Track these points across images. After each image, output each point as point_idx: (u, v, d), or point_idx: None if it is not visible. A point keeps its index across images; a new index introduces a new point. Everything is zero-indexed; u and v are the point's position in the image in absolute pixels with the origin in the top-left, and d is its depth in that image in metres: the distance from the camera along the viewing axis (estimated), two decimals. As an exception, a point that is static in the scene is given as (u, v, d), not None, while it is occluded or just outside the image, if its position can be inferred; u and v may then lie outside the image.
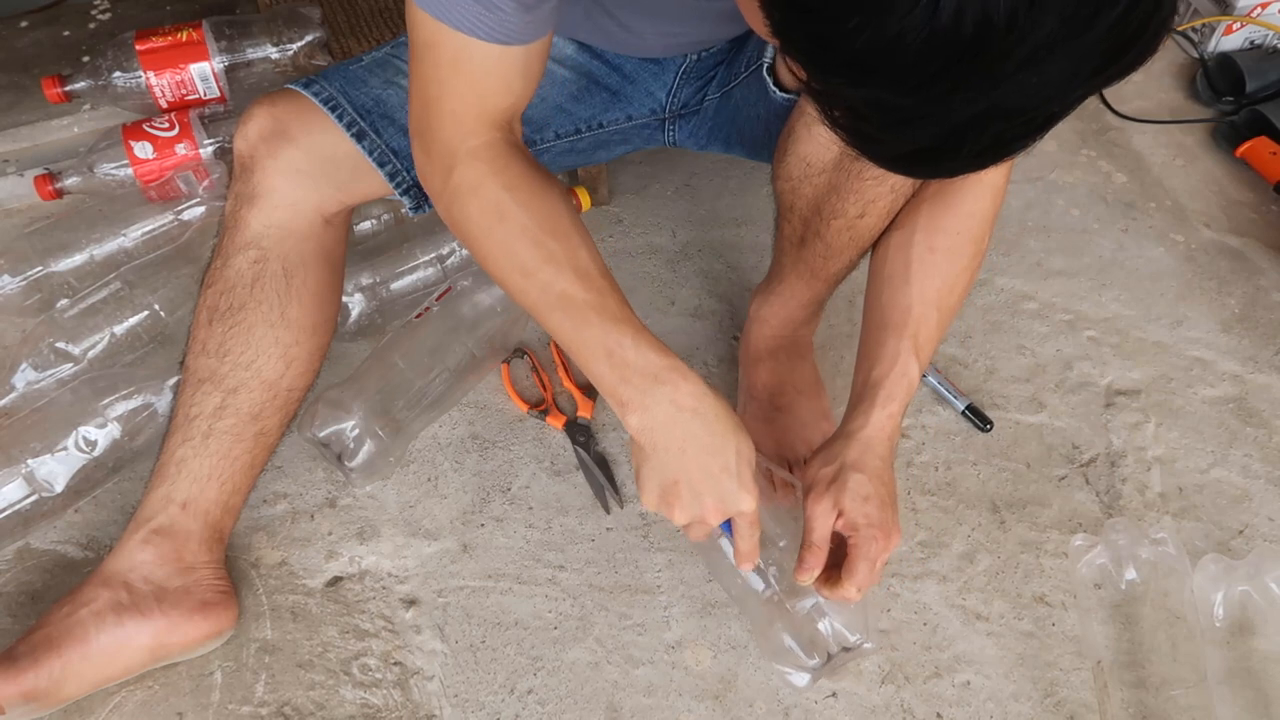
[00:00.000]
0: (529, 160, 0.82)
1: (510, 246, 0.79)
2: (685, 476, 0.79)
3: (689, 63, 1.05)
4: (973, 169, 0.57)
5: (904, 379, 0.88)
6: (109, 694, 0.93)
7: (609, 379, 0.78)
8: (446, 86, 0.78)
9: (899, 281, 0.90)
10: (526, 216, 0.78)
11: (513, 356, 1.19)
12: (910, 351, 0.88)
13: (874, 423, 0.87)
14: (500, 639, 0.99)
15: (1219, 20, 1.52)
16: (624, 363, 0.77)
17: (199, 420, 0.94)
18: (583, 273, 0.78)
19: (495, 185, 0.79)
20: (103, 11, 1.49)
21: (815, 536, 0.84)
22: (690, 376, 0.78)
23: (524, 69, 0.79)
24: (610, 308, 0.78)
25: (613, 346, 0.77)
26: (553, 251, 0.78)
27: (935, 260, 0.89)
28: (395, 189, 0.97)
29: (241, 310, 0.93)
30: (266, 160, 0.93)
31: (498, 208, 0.79)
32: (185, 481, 0.94)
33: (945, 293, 0.89)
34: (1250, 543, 1.05)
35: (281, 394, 0.96)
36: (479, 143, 0.79)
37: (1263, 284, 1.30)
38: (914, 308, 0.88)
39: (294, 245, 0.94)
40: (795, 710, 0.94)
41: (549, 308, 0.79)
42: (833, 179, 0.90)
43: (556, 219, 0.79)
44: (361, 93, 0.96)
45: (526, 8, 0.74)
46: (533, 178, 0.80)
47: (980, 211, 0.89)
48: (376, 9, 1.42)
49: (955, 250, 0.89)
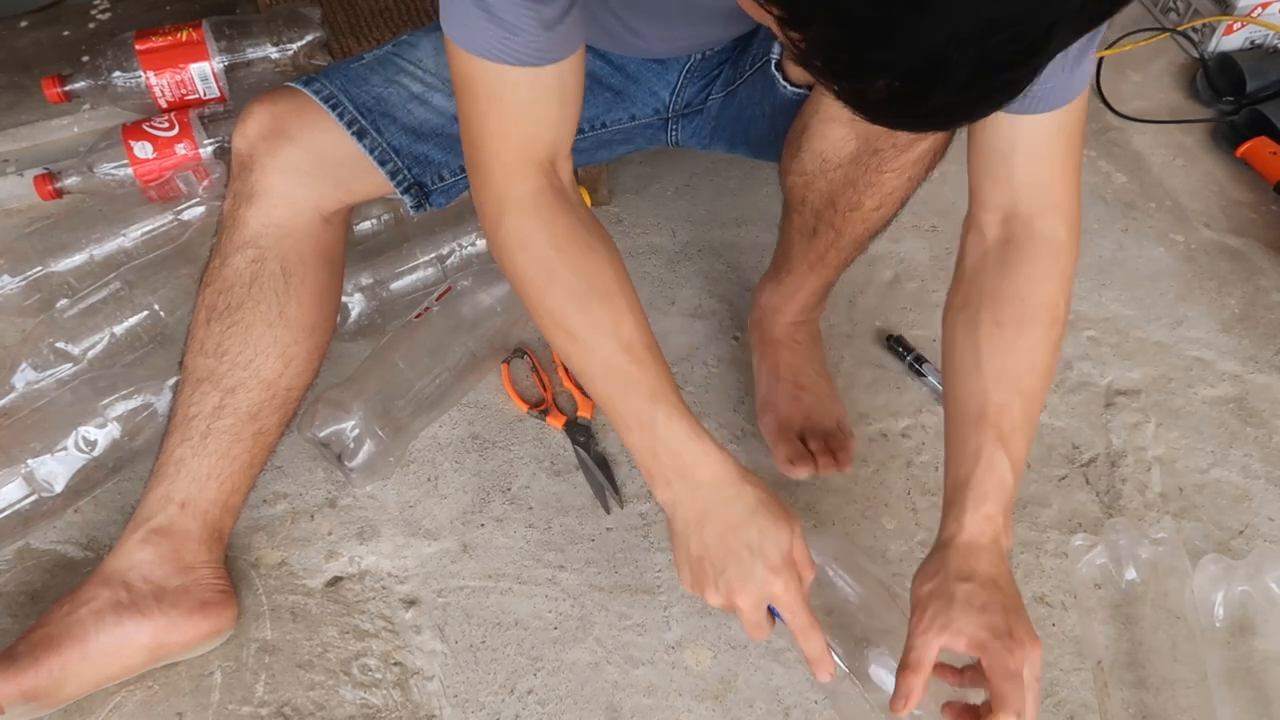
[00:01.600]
0: (576, 211, 0.81)
1: (557, 308, 0.79)
2: (707, 554, 0.78)
3: (693, 62, 1.05)
4: (965, 110, 0.51)
5: (992, 476, 0.78)
6: (109, 694, 0.93)
7: (640, 451, 0.79)
8: (487, 124, 0.78)
9: (970, 368, 0.81)
10: (574, 279, 0.79)
11: (513, 356, 1.19)
12: (995, 444, 0.78)
13: (970, 527, 0.78)
14: (500, 639, 0.98)
15: (1219, 20, 1.52)
16: (654, 436, 0.77)
17: (197, 420, 0.94)
18: (626, 343, 0.78)
19: (544, 242, 0.79)
20: (102, 11, 1.49)
21: (913, 656, 0.75)
22: (714, 457, 0.78)
23: (559, 93, 0.78)
24: (647, 381, 0.78)
25: (645, 420, 0.78)
26: (598, 318, 0.78)
27: (1004, 336, 0.80)
28: (396, 187, 0.97)
29: (240, 309, 0.93)
30: (266, 159, 0.93)
31: (546, 267, 0.79)
32: (184, 481, 0.93)
33: (1025, 372, 0.80)
34: (1250, 543, 1.05)
35: (280, 393, 0.96)
36: (525, 191, 0.79)
37: (1263, 284, 1.29)
38: (990, 394, 0.79)
39: (293, 244, 0.94)
40: (795, 710, 0.94)
41: (591, 373, 0.80)
42: (849, 173, 0.90)
43: (605, 282, 0.79)
44: (362, 91, 0.96)
45: (547, 24, 0.73)
46: (581, 234, 0.80)
47: (1045, 273, 0.80)
48: (376, 9, 1.42)
49: (1026, 320, 0.80)
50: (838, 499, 1.08)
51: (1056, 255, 0.81)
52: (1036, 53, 0.48)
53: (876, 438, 1.14)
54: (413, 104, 0.97)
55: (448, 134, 0.99)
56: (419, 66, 0.98)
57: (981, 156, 0.82)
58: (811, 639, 0.78)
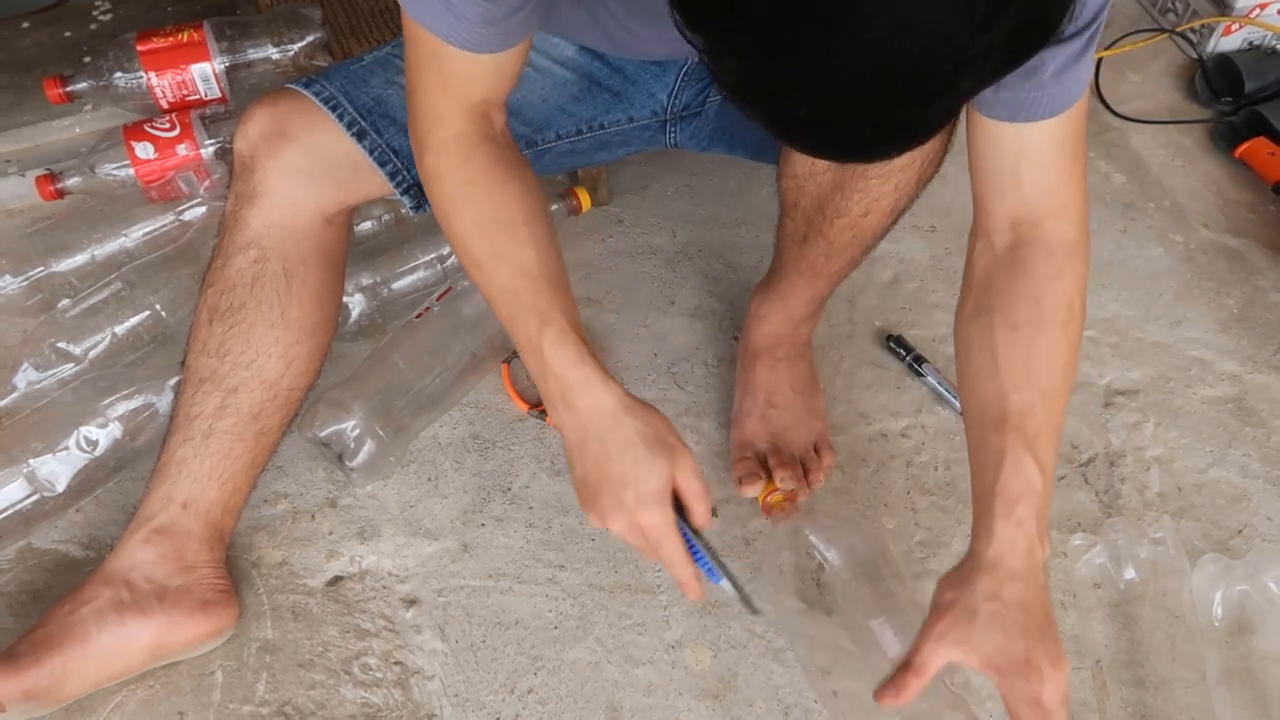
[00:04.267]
0: (498, 153, 0.83)
1: (464, 238, 0.83)
2: (588, 478, 0.80)
3: (690, 64, 1.05)
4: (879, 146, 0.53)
5: (1019, 479, 0.75)
6: (110, 693, 0.93)
7: (534, 375, 0.82)
8: (423, 78, 0.81)
9: (988, 372, 0.79)
10: (479, 210, 0.82)
11: (513, 356, 1.19)
12: (1020, 447, 0.75)
13: (1001, 537, 0.74)
14: (500, 639, 0.99)
15: (1218, 21, 1.52)
16: (542, 361, 0.79)
17: (199, 420, 0.94)
18: (524, 270, 0.80)
19: (457, 177, 0.82)
20: (104, 12, 1.49)
21: (918, 660, 0.73)
22: (597, 387, 0.78)
23: (495, 72, 0.81)
24: (540, 306, 0.80)
25: (535, 344, 0.80)
26: (498, 246, 0.81)
27: (1020, 337, 0.78)
28: (395, 188, 0.97)
29: (242, 310, 0.94)
30: (267, 160, 0.93)
31: (456, 199, 0.82)
32: (186, 481, 0.94)
33: (1045, 372, 0.78)
34: (1249, 542, 1.06)
35: (282, 394, 0.96)
36: (450, 133, 0.82)
37: (1261, 284, 1.30)
38: (1010, 396, 0.77)
39: (294, 245, 0.95)
40: (795, 710, 0.94)
41: (493, 299, 0.83)
42: (837, 177, 0.90)
43: (510, 214, 0.81)
44: (362, 92, 0.96)
45: (490, 21, 0.75)
46: (495, 172, 0.82)
47: (1058, 272, 0.80)
48: (377, 9, 1.43)
49: (1042, 320, 0.79)
50: (838, 499, 1.09)
51: (1068, 255, 0.80)
52: (945, 92, 0.49)
53: (876, 438, 1.14)
54: None
55: None
56: None
57: (985, 168, 0.81)
58: (676, 565, 0.78)
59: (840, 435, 1.13)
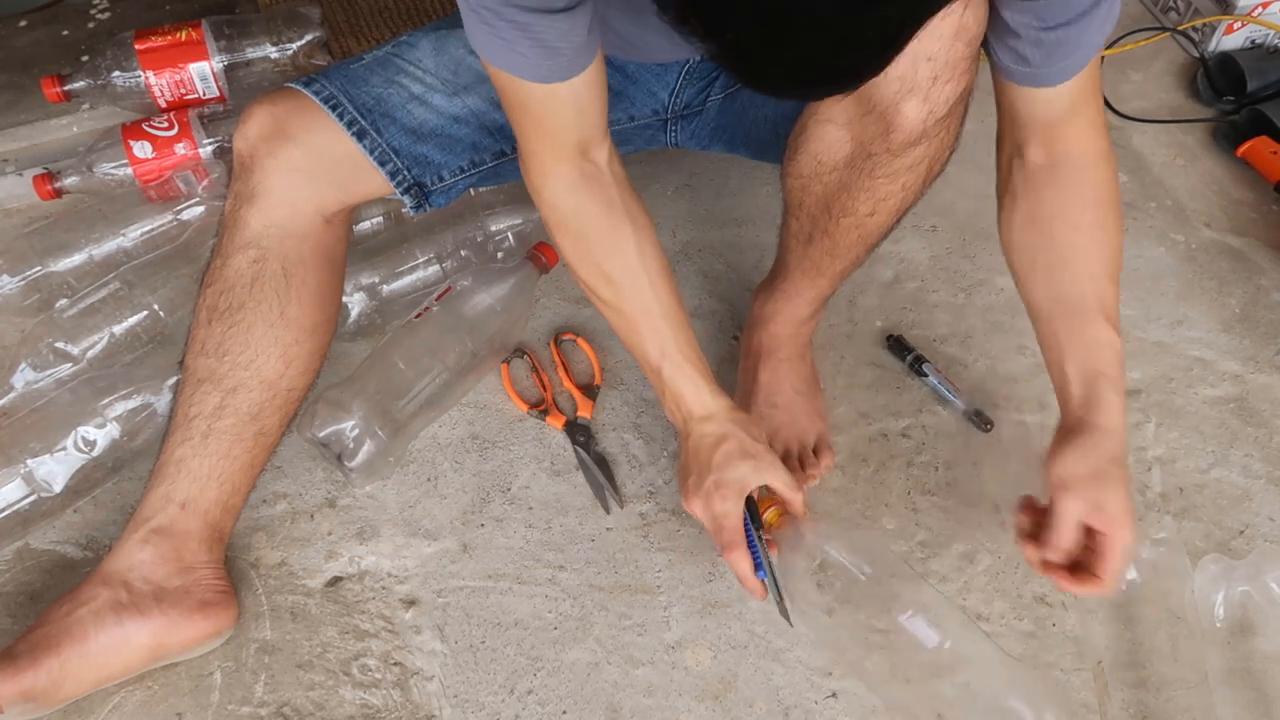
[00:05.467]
0: (604, 197, 0.90)
1: (588, 282, 0.93)
2: (686, 467, 0.94)
3: (692, 64, 1.05)
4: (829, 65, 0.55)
5: (1111, 353, 0.87)
6: (108, 694, 0.93)
7: (655, 388, 0.95)
8: (522, 128, 0.87)
9: (1061, 268, 0.89)
10: (596, 261, 0.92)
11: (512, 356, 1.19)
12: (1110, 328, 0.87)
13: (1116, 412, 0.86)
14: (500, 639, 0.98)
15: (1220, 20, 1.52)
16: (662, 382, 0.94)
17: (198, 420, 0.94)
18: (645, 309, 0.92)
19: (571, 231, 0.91)
20: (102, 11, 1.49)
21: (1057, 515, 0.84)
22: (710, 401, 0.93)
23: (576, 103, 0.84)
24: (659, 340, 0.93)
25: (654, 369, 0.93)
26: (619, 292, 0.92)
27: (1083, 237, 0.88)
28: (396, 188, 0.97)
29: (241, 310, 0.93)
30: (266, 159, 0.93)
31: (574, 251, 0.93)
32: (185, 481, 0.93)
33: (1111, 262, 0.89)
34: (1251, 543, 1.05)
35: (281, 394, 0.96)
36: (560, 186, 0.89)
37: (1263, 284, 1.29)
38: (1088, 286, 0.88)
39: (293, 245, 0.94)
40: (795, 710, 0.94)
41: (619, 330, 0.95)
42: (844, 177, 0.90)
43: (624, 262, 0.91)
44: (362, 91, 0.96)
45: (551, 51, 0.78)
46: (604, 221, 0.90)
47: (1101, 178, 0.88)
48: (376, 9, 1.42)
49: (1099, 222, 0.88)
50: (838, 499, 1.08)
51: (1102, 160, 0.89)
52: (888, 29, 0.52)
53: (876, 438, 1.14)
54: (412, 104, 0.97)
55: (447, 134, 0.99)
56: (418, 67, 0.98)
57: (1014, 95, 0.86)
58: (734, 550, 0.90)
59: (840, 435, 1.13)
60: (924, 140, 0.84)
